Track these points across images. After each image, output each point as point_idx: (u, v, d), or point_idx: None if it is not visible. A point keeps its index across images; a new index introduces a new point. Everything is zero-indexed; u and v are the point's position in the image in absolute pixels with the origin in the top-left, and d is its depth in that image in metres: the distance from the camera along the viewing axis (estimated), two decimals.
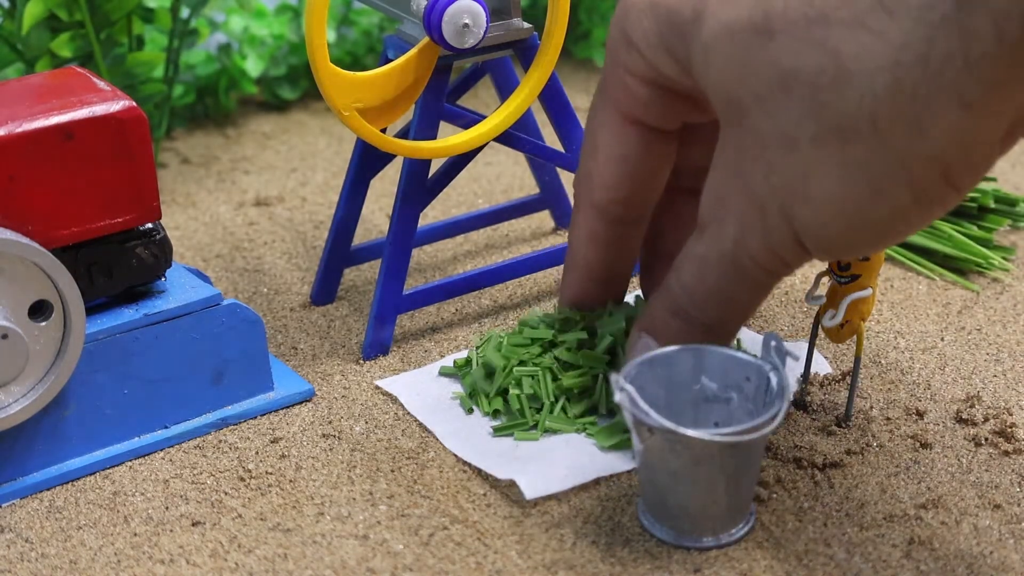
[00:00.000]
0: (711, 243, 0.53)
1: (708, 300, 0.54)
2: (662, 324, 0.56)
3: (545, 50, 0.68)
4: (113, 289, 0.61)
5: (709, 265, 0.53)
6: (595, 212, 0.59)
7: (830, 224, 0.50)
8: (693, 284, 0.54)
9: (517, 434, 0.61)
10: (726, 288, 0.54)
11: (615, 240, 0.60)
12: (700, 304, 0.54)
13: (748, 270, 0.53)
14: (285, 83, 1.03)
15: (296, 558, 0.55)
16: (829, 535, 0.55)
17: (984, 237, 0.77)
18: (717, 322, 0.55)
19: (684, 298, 0.55)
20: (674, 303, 0.55)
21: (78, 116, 0.57)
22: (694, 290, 0.54)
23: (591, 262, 0.61)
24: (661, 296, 0.56)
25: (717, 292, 0.54)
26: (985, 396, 0.64)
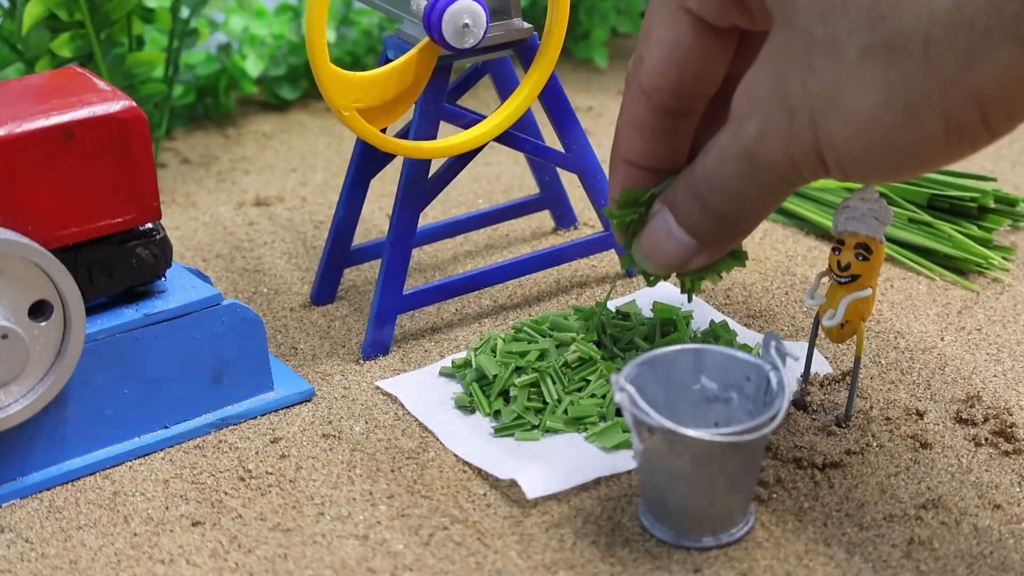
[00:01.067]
0: (734, 136, 0.52)
1: (723, 190, 0.53)
2: (682, 202, 0.55)
3: (545, 50, 0.68)
4: (113, 289, 0.61)
5: (728, 156, 0.52)
6: (642, 98, 0.57)
7: (856, 141, 0.49)
8: (713, 171, 0.53)
9: (518, 434, 0.61)
10: (740, 182, 0.53)
11: (661, 131, 0.58)
12: (716, 192, 0.54)
13: (762, 170, 0.52)
14: (285, 83, 1.03)
15: (296, 558, 0.55)
16: (829, 535, 0.55)
17: (984, 237, 0.77)
18: (729, 214, 0.54)
19: (704, 183, 0.54)
20: (695, 185, 0.55)
21: (78, 116, 0.57)
22: (712, 177, 0.53)
23: (632, 148, 0.59)
24: (686, 175, 0.55)
25: (732, 184, 0.53)
26: (985, 396, 0.64)
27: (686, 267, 0.57)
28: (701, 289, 0.61)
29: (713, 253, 0.56)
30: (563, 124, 0.72)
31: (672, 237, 0.56)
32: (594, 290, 0.75)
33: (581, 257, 0.75)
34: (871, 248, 0.58)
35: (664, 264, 0.57)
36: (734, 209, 0.54)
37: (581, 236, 0.77)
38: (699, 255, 0.56)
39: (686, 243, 0.56)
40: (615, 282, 0.75)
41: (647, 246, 0.58)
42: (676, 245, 0.56)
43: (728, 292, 0.74)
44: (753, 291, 0.74)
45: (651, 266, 0.58)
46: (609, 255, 0.78)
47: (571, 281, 0.76)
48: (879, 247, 0.58)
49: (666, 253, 0.56)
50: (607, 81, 1.08)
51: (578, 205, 0.83)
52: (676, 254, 0.56)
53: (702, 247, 0.56)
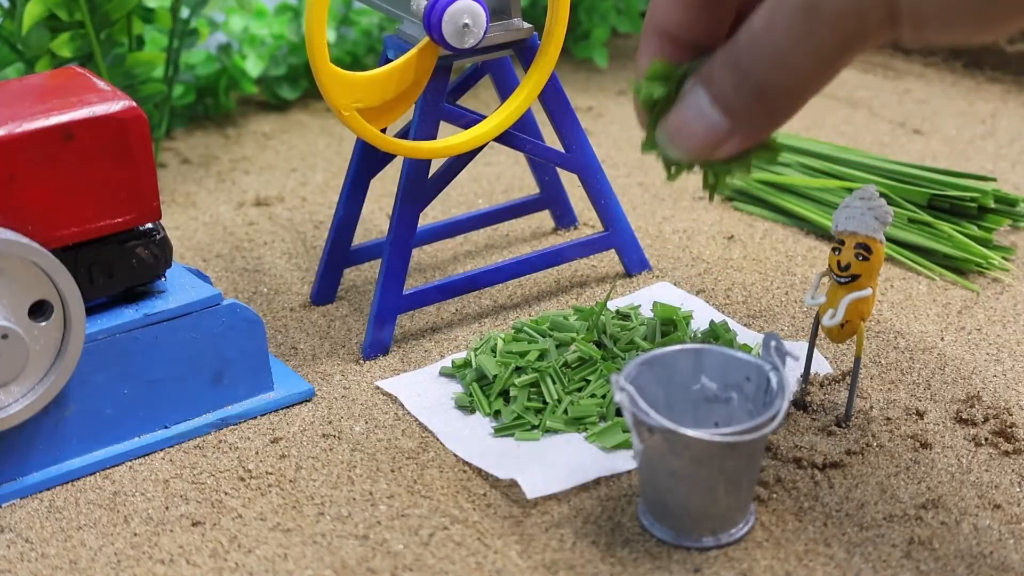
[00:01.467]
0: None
1: (769, 57, 0.46)
2: (718, 76, 0.48)
3: (545, 50, 0.68)
4: (113, 289, 0.61)
5: (782, 12, 0.45)
6: None
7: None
8: (759, 34, 0.46)
9: (518, 434, 0.61)
10: (792, 46, 0.45)
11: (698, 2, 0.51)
12: (759, 60, 0.46)
13: (821, 29, 0.45)
14: (285, 83, 1.03)
15: (296, 558, 0.55)
16: (829, 535, 0.55)
17: (984, 237, 0.77)
18: (771, 88, 0.47)
19: (746, 50, 0.47)
20: (734, 54, 0.47)
21: (78, 116, 0.57)
22: (758, 41, 0.46)
23: (672, 18, 0.51)
24: (726, 47, 0.48)
25: (780, 49, 0.46)
26: (985, 396, 0.64)
27: (714, 153, 0.50)
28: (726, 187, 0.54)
29: (747, 137, 0.49)
30: (563, 124, 0.72)
31: (703, 116, 0.49)
32: (594, 290, 0.75)
33: (581, 257, 0.75)
34: (871, 248, 0.58)
35: (690, 148, 0.50)
36: (779, 81, 0.47)
37: (581, 236, 0.77)
38: (731, 139, 0.49)
39: (718, 123, 0.49)
40: (615, 282, 0.75)
41: (673, 126, 0.50)
42: (706, 125, 0.49)
43: (728, 292, 0.74)
44: (753, 291, 0.74)
45: (675, 150, 0.50)
46: (609, 255, 0.78)
47: (571, 281, 0.76)
48: (879, 247, 0.58)
49: (694, 134, 0.49)
50: (607, 81, 1.08)
51: (578, 205, 0.83)
52: (705, 136, 0.49)
53: (735, 128, 0.48)
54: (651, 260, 0.77)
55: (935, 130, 0.96)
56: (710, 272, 0.76)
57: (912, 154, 0.92)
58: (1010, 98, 1.02)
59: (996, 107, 1.00)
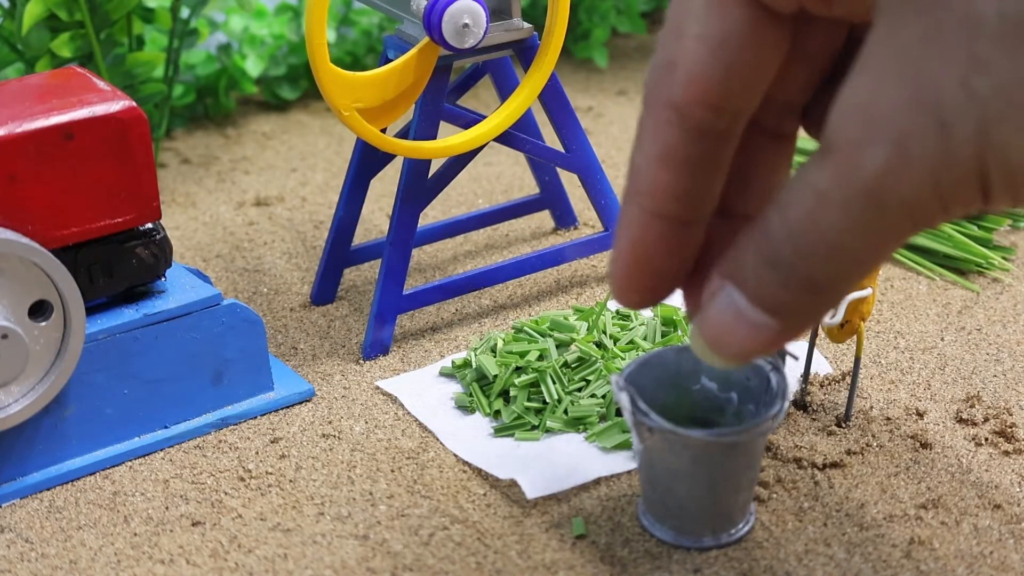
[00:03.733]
0: (842, 173, 0.38)
1: (821, 251, 0.40)
2: (753, 275, 0.42)
3: (545, 50, 0.68)
4: (113, 289, 0.61)
5: (832, 204, 0.39)
6: (674, 117, 0.42)
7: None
8: (803, 227, 0.40)
9: (518, 434, 0.61)
10: (851, 238, 0.39)
11: (699, 160, 0.43)
12: (808, 255, 0.40)
13: (890, 216, 0.38)
14: (285, 83, 1.03)
15: (296, 558, 0.55)
16: (829, 535, 0.55)
17: (984, 237, 0.77)
18: (826, 280, 0.41)
19: (787, 246, 0.40)
20: (773, 250, 0.41)
21: (78, 116, 0.57)
22: (803, 235, 0.40)
23: (662, 190, 0.43)
24: (755, 239, 0.42)
25: (837, 241, 0.39)
26: (985, 396, 0.64)
27: (765, 352, 0.43)
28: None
29: (799, 332, 0.43)
30: (563, 124, 0.72)
31: (744, 319, 0.42)
32: (594, 290, 0.75)
33: (581, 257, 0.75)
34: None
35: (736, 353, 0.43)
36: (837, 272, 0.41)
37: (581, 236, 0.77)
38: (781, 335, 0.43)
39: (764, 324, 0.42)
40: None
41: (711, 335, 0.43)
42: (751, 328, 0.42)
43: None
44: None
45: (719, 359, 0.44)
46: (609, 255, 0.78)
47: (571, 281, 0.76)
48: None
49: (739, 340, 0.43)
50: (607, 81, 1.08)
51: (578, 205, 0.83)
52: (752, 339, 0.43)
53: (785, 325, 0.42)
54: None
55: None
56: None
57: None
58: None
59: None
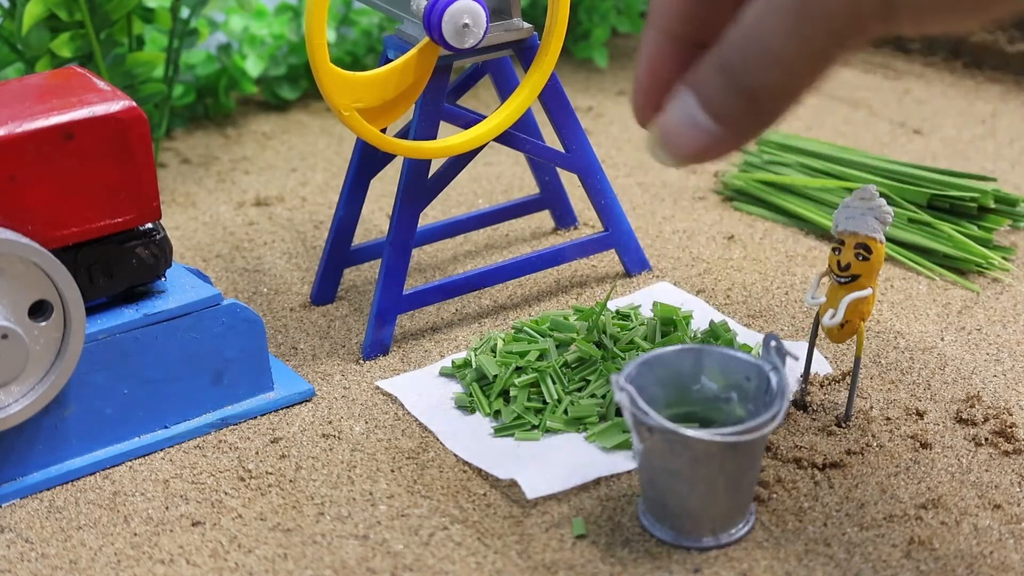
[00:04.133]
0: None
1: (759, 56, 0.45)
2: (707, 80, 0.47)
3: (545, 50, 0.68)
4: (113, 289, 0.61)
5: (770, 11, 0.45)
6: None
7: None
8: (749, 33, 0.46)
9: (518, 434, 0.61)
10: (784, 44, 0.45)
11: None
12: (750, 60, 0.46)
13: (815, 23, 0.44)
14: (285, 83, 1.03)
15: (296, 558, 0.55)
16: (829, 535, 0.55)
17: (984, 237, 0.77)
18: (762, 89, 0.46)
19: (736, 51, 0.46)
20: (724, 56, 0.46)
21: (78, 116, 0.57)
22: (748, 41, 0.46)
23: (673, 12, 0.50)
24: (715, 50, 0.47)
25: (772, 47, 0.45)
26: (985, 396, 0.64)
27: (707, 157, 0.49)
28: None
29: (739, 141, 0.48)
30: (563, 124, 0.72)
31: (693, 123, 0.48)
32: (594, 290, 0.75)
33: (581, 257, 0.75)
34: (871, 248, 0.58)
35: (682, 155, 0.49)
36: (770, 81, 0.46)
37: (581, 236, 0.77)
38: (723, 143, 0.48)
39: (708, 129, 0.48)
40: (615, 282, 0.75)
41: (664, 134, 0.49)
42: (697, 131, 0.48)
43: (728, 292, 0.74)
44: (753, 291, 0.74)
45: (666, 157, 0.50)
46: (609, 255, 0.78)
47: (571, 281, 0.76)
48: (879, 247, 0.58)
49: (685, 141, 0.48)
50: (607, 81, 1.08)
51: (578, 205, 0.83)
52: (697, 142, 0.48)
53: (727, 133, 0.48)
54: (651, 260, 0.77)
55: (935, 130, 0.96)
56: (710, 272, 0.76)
57: (912, 154, 0.92)
58: (1010, 98, 1.02)
59: (996, 107, 1.00)
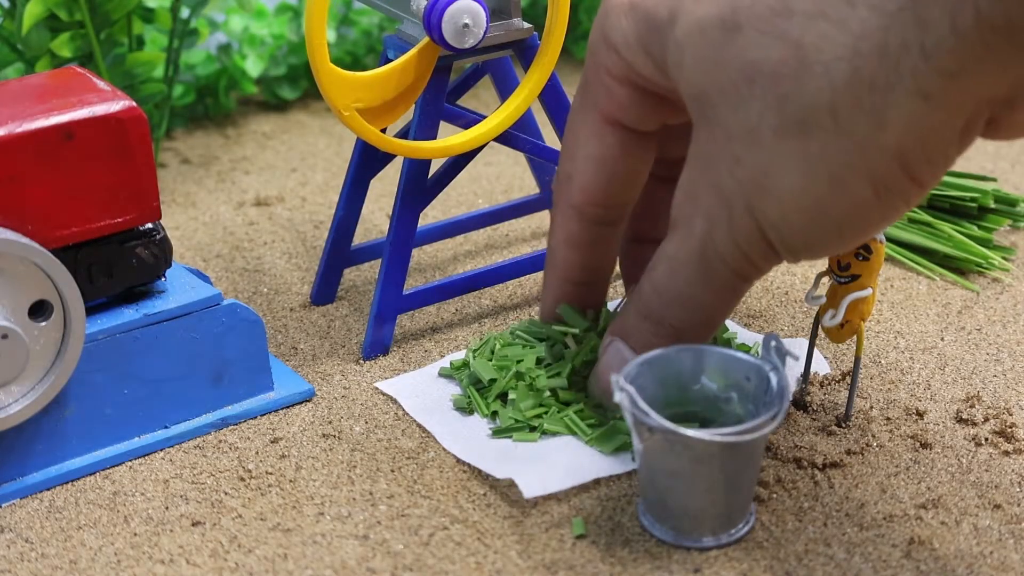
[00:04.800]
0: (681, 241, 0.53)
1: (677, 302, 0.54)
2: (633, 328, 0.56)
3: (545, 50, 0.68)
4: (113, 289, 0.61)
5: (678, 264, 0.53)
6: (574, 214, 0.59)
7: (792, 219, 0.50)
8: (663, 284, 0.54)
9: (516, 435, 0.61)
10: (694, 290, 0.53)
11: (594, 241, 0.60)
12: (669, 306, 0.54)
13: (716, 270, 0.52)
14: (285, 83, 1.03)
15: (296, 558, 0.55)
16: (829, 535, 0.55)
17: (984, 237, 0.77)
18: (686, 326, 0.55)
19: (655, 300, 0.55)
20: (645, 305, 0.55)
21: (78, 116, 0.57)
22: (664, 291, 0.54)
23: (570, 264, 0.61)
24: (634, 299, 0.56)
25: (686, 294, 0.53)
26: (985, 396, 0.64)
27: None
28: None
29: None
30: (563, 124, 0.71)
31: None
32: None
33: None
34: (871, 248, 0.58)
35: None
36: (691, 320, 0.54)
37: None
38: None
39: None
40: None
41: (603, 382, 0.58)
42: None
43: None
44: (753, 291, 0.74)
45: (609, 401, 0.58)
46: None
47: None
48: (879, 247, 0.58)
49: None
50: None
51: None
52: None
53: None
54: None
55: None
56: None
57: None
58: None
59: None
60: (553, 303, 0.63)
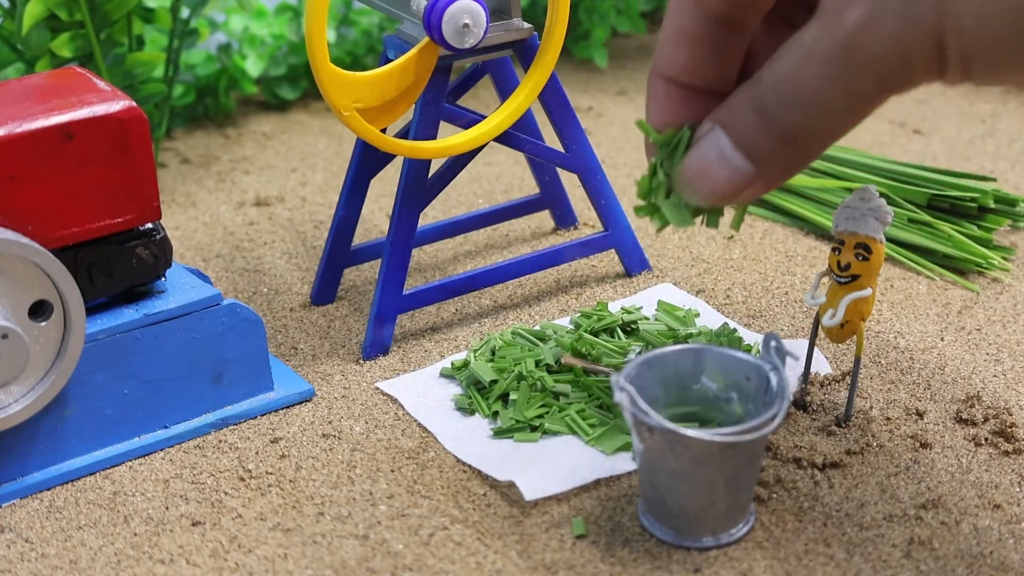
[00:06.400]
0: (826, 29, 0.43)
1: (799, 100, 0.44)
2: (740, 118, 0.46)
3: (545, 50, 0.68)
4: (113, 289, 0.61)
5: (814, 56, 0.43)
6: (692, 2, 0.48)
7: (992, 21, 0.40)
8: (788, 77, 0.44)
9: (517, 436, 0.61)
10: (825, 89, 0.44)
11: (709, 42, 0.48)
12: (788, 103, 0.45)
13: (861, 73, 0.43)
14: (285, 83, 1.03)
15: (296, 558, 0.55)
16: (829, 535, 0.55)
17: (984, 237, 0.77)
18: (800, 132, 0.45)
19: (772, 93, 0.45)
20: (759, 97, 0.45)
21: (78, 116, 0.57)
22: (787, 85, 0.45)
23: (678, 63, 0.49)
24: (748, 86, 0.46)
25: (813, 92, 0.44)
26: (985, 396, 0.64)
27: (738, 198, 0.48)
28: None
29: (773, 182, 0.47)
30: (563, 124, 0.72)
31: (725, 161, 0.47)
32: (594, 290, 0.75)
33: (581, 257, 0.75)
34: (871, 248, 0.58)
35: (712, 193, 0.48)
36: (811, 125, 0.45)
37: (581, 236, 0.77)
38: (755, 184, 0.47)
39: (742, 168, 0.47)
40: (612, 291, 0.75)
41: (693, 171, 0.48)
42: (729, 171, 0.47)
43: (728, 292, 0.74)
44: (753, 291, 0.74)
45: (696, 195, 0.49)
46: (609, 255, 0.78)
47: (571, 281, 0.76)
48: (879, 247, 0.58)
49: (716, 180, 0.47)
50: (607, 81, 1.08)
51: (578, 205, 0.83)
52: (729, 181, 0.47)
53: (761, 174, 0.47)
54: (651, 260, 0.77)
55: (935, 130, 0.96)
56: (710, 272, 0.76)
57: (912, 154, 0.92)
58: (1010, 98, 1.02)
59: (996, 107, 1.00)
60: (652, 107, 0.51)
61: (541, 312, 0.73)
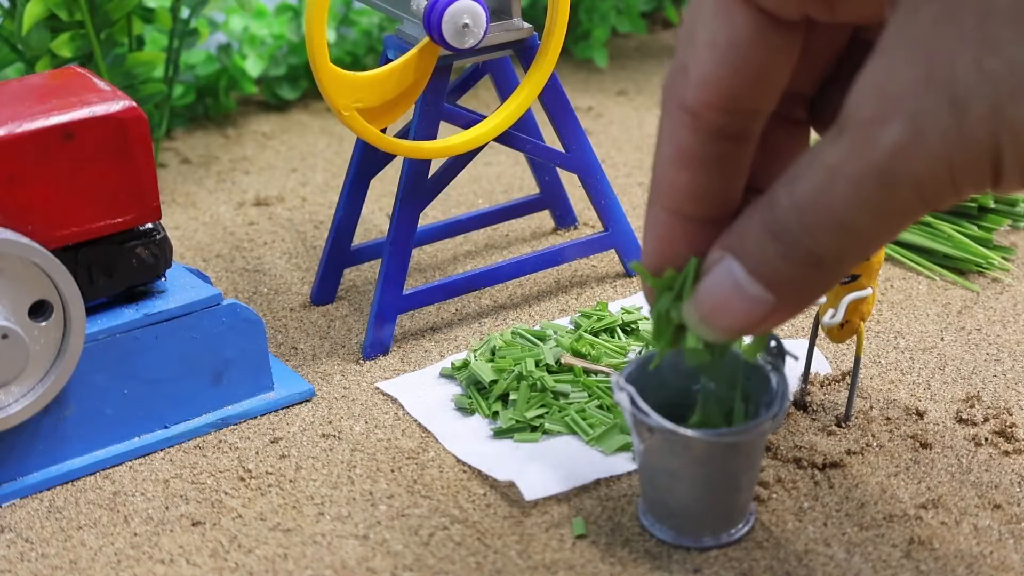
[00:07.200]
0: (855, 149, 0.39)
1: (828, 225, 0.40)
2: (754, 244, 0.42)
3: (545, 50, 0.68)
4: (113, 289, 0.61)
5: (843, 179, 0.39)
6: (688, 120, 0.43)
7: None
8: (811, 201, 0.40)
9: (517, 436, 0.61)
10: (858, 212, 0.40)
11: (713, 161, 0.44)
12: (814, 228, 0.40)
13: (900, 193, 0.39)
14: (285, 83, 1.03)
15: (296, 558, 0.55)
16: (829, 535, 0.55)
17: (984, 237, 0.77)
18: (829, 255, 0.41)
19: (793, 218, 0.41)
20: (778, 222, 0.41)
21: (78, 116, 0.57)
22: (811, 209, 0.40)
23: (681, 190, 0.45)
24: (760, 210, 0.42)
25: (843, 216, 0.40)
26: (985, 396, 0.64)
27: (759, 328, 0.44)
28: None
29: (796, 308, 0.43)
30: (563, 124, 0.72)
31: (741, 292, 0.43)
32: (594, 290, 0.75)
33: (581, 257, 0.75)
34: None
35: (731, 328, 0.44)
36: (840, 248, 0.41)
37: (581, 236, 0.77)
38: (777, 312, 0.43)
39: (760, 298, 0.43)
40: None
41: (707, 307, 0.44)
42: (748, 302, 0.43)
43: None
44: None
45: (712, 331, 0.45)
46: (609, 255, 0.78)
47: (571, 281, 0.76)
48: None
49: (734, 313, 0.43)
50: (607, 81, 1.08)
51: (578, 205, 0.83)
52: (747, 312, 0.43)
53: (783, 301, 0.43)
54: None
55: None
56: None
57: None
58: None
59: None
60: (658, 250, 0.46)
61: (541, 312, 0.73)
